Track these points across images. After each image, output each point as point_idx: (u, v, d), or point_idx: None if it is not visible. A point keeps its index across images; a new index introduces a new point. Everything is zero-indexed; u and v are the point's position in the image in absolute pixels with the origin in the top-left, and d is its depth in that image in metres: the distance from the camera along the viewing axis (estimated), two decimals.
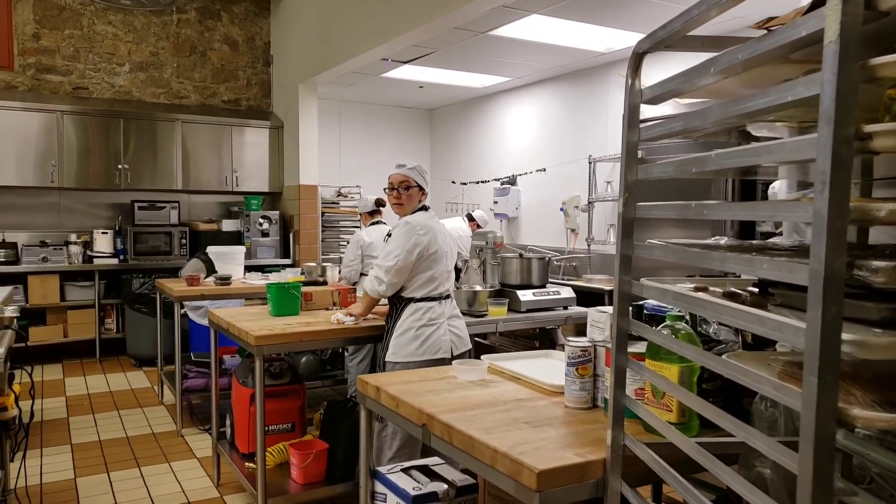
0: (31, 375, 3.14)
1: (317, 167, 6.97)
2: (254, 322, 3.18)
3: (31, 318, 6.04)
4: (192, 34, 7.13)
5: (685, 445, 1.18)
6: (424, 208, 3.10)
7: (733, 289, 1.33)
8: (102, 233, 6.43)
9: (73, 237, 6.39)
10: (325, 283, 4.18)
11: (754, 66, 1.05)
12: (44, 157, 6.13)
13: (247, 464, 3.36)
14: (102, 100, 6.68)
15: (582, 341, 1.88)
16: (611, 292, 5.11)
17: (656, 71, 1.31)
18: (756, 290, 1.32)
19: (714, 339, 1.77)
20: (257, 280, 4.85)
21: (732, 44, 1.09)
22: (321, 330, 3.08)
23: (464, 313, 3.42)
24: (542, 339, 4.04)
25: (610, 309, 2.10)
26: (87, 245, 6.42)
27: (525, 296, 3.61)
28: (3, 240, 6.22)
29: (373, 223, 4.73)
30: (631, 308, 1.42)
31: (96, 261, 6.34)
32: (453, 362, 2.21)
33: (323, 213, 7.33)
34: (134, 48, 6.86)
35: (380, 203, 4.73)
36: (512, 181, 7.56)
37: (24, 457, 3.90)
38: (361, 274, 4.44)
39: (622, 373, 1.44)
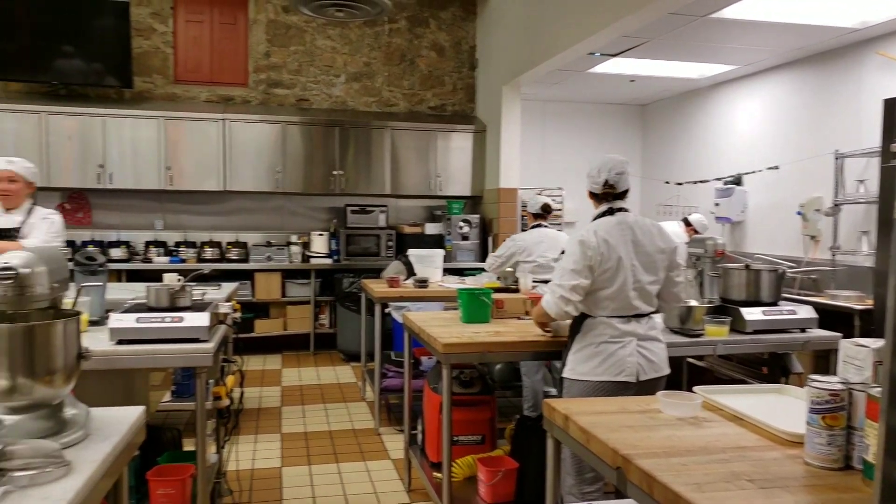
0: (241, 370, 3.32)
1: (518, 170, 6.84)
2: (443, 328, 3.09)
3: (257, 311, 6.65)
4: (401, 43, 7.37)
5: None
6: (611, 212, 2.67)
7: None
8: (319, 234, 6.90)
9: (293, 238, 6.93)
10: (517, 290, 3.98)
11: None
12: (271, 165, 6.71)
13: (435, 473, 3.27)
14: (321, 110, 7.15)
15: (831, 382, 1.44)
16: (862, 313, 4.28)
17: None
18: None
19: None
20: (454, 283, 4.83)
21: None
22: (509, 341, 2.87)
23: (675, 331, 2.98)
24: (772, 365, 3.41)
25: (871, 342, 1.62)
26: (306, 245, 6.93)
27: (751, 314, 3.04)
28: (237, 240, 6.92)
29: (533, 226, 4.68)
30: None
31: (313, 260, 6.82)
32: (658, 393, 1.86)
33: (522, 217, 7.16)
34: (349, 59, 7.25)
35: (546, 209, 4.66)
36: (737, 181, 6.75)
37: (236, 443, 4.20)
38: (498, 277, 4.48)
39: None
